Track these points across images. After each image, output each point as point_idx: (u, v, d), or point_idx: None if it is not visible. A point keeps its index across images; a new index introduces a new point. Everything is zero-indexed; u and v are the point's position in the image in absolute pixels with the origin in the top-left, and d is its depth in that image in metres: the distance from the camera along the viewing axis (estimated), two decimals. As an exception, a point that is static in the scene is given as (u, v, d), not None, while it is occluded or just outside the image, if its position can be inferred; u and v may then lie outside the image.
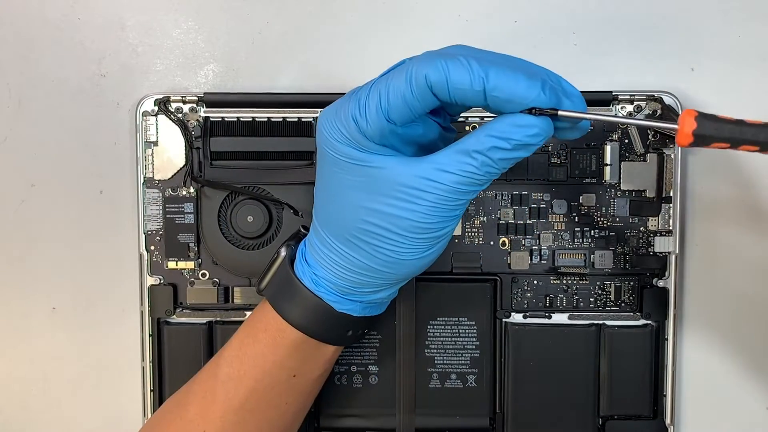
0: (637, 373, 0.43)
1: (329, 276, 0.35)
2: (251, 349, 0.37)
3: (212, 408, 0.37)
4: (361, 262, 0.34)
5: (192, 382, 0.39)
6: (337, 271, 0.35)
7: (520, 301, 0.44)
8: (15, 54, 0.44)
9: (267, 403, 0.38)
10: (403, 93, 0.31)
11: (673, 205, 0.43)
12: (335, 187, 0.34)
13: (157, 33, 0.44)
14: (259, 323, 0.37)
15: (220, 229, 0.43)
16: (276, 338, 0.37)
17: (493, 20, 0.44)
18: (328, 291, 0.36)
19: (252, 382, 0.37)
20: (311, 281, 0.36)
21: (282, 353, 0.37)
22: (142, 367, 0.44)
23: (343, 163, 0.33)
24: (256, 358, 0.37)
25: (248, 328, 0.38)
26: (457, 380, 0.43)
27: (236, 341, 0.38)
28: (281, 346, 0.37)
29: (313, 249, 0.36)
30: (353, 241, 0.34)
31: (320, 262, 0.36)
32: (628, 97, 0.42)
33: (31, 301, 0.45)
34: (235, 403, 0.37)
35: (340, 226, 0.34)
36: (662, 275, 0.43)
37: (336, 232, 0.34)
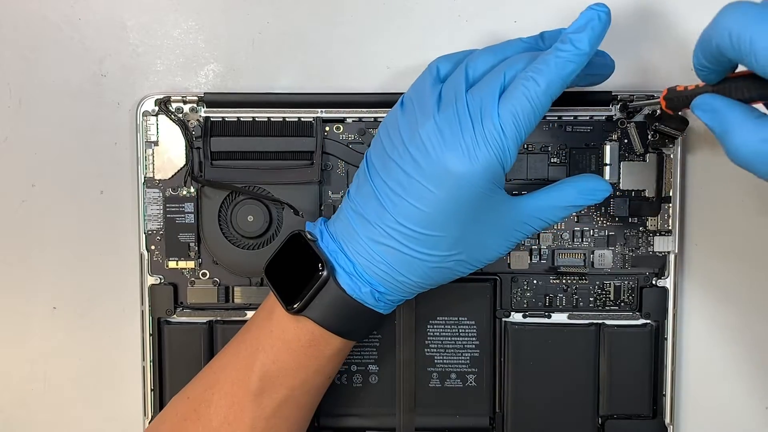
0: (637, 372, 0.43)
1: (394, 293, 0.36)
2: (288, 362, 0.37)
3: (241, 417, 0.37)
4: (438, 281, 0.37)
5: (212, 391, 0.38)
6: (408, 288, 0.36)
7: (519, 300, 0.44)
8: (15, 54, 0.44)
9: (300, 408, 0.38)
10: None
11: (673, 204, 0.43)
12: (462, 220, 0.34)
13: (157, 33, 0.44)
14: (293, 336, 0.37)
15: (220, 229, 0.43)
16: (319, 348, 0.37)
17: (493, 20, 0.44)
18: (386, 303, 0.37)
19: (287, 390, 0.37)
20: (374, 298, 0.36)
21: (323, 361, 0.37)
22: (142, 367, 0.44)
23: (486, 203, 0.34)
24: (296, 370, 0.37)
25: (277, 341, 0.37)
26: (456, 380, 0.43)
27: (266, 355, 0.37)
28: (323, 356, 0.37)
29: (384, 272, 0.36)
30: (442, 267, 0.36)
31: (387, 282, 0.36)
32: (628, 96, 0.42)
33: (32, 300, 0.45)
34: (268, 411, 0.37)
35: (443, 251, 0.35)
36: (662, 275, 0.43)
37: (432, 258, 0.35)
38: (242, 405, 0.37)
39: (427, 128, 0.34)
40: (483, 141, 0.33)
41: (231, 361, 0.38)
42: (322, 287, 0.36)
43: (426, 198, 0.34)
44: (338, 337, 0.37)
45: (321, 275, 0.36)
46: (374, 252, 0.35)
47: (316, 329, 0.37)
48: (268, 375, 0.37)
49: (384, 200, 0.35)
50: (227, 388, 0.37)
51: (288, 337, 0.37)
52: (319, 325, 0.36)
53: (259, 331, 0.38)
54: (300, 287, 0.36)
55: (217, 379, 0.38)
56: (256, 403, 0.37)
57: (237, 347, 0.38)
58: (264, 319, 0.38)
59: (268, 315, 0.38)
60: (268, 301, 0.39)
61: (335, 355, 0.38)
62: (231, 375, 0.38)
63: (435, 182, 0.34)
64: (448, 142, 0.33)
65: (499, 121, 0.33)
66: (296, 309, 0.36)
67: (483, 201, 0.34)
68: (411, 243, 0.35)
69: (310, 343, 0.37)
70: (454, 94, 0.35)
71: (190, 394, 0.39)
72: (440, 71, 0.37)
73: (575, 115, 0.43)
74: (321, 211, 0.43)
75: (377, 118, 0.43)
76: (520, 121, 0.33)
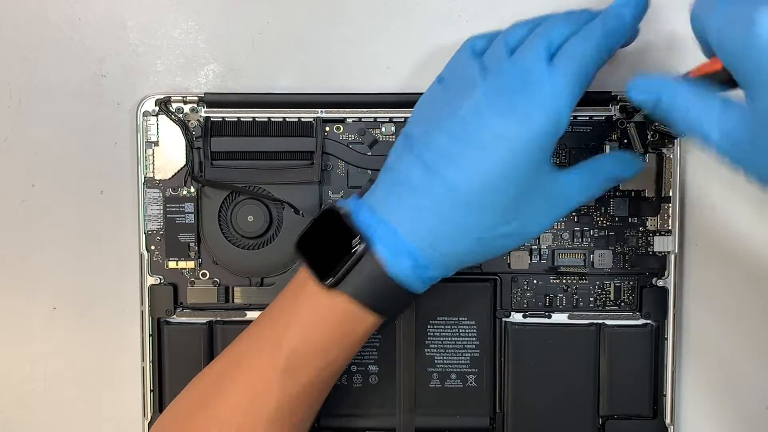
0: (637, 372, 0.43)
1: (434, 268, 0.35)
2: (317, 340, 0.36)
3: (266, 395, 0.36)
4: (482, 255, 0.36)
5: (238, 368, 0.37)
6: (448, 261, 0.35)
7: (519, 300, 0.44)
8: (15, 54, 0.44)
9: (323, 389, 0.38)
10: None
11: (673, 204, 0.43)
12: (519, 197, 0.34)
13: (157, 33, 0.44)
14: (326, 312, 0.36)
15: (220, 229, 0.43)
16: (350, 326, 0.36)
17: (493, 20, 0.44)
18: (422, 280, 0.36)
19: (315, 370, 0.36)
20: (413, 272, 0.35)
21: (351, 340, 0.36)
22: (142, 367, 0.44)
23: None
24: (325, 349, 0.36)
25: (308, 316, 0.36)
26: (457, 380, 0.43)
27: (296, 333, 0.36)
28: (352, 335, 0.36)
29: (425, 242, 0.35)
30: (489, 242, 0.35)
31: (427, 254, 0.35)
32: (628, 97, 0.42)
33: (32, 301, 0.45)
34: (294, 391, 0.36)
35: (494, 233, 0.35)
36: (662, 275, 0.43)
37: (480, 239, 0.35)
38: (269, 383, 0.36)
39: (476, 97, 0.34)
40: (538, 104, 0.32)
41: (257, 339, 0.37)
42: (359, 261, 0.35)
43: (478, 165, 0.33)
44: (371, 315, 0.36)
45: (358, 248, 0.35)
46: (420, 219, 0.34)
47: (350, 306, 0.35)
48: (297, 353, 0.36)
49: (432, 167, 0.34)
50: (254, 365, 0.37)
51: (320, 313, 0.36)
52: (354, 301, 0.35)
53: (287, 308, 0.37)
54: (334, 262, 0.35)
55: (242, 357, 0.37)
56: (283, 382, 0.36)
57: (263, 326, 0.38)
58: (293, 297, 0.37)
59: (298, 292, 0.37)
60: (297, 279, 0.37)
61: (364, 335, 0.37)
62: (257, 353, 0.37)
63: (488, 149, 0.33)
64: (500, 108, 0.33)
65: (553, 83, 0.32)
66: (331, 282, 0.35)
67: (533, 169, 0.33)
68: (459, 210, 0.34)
69: (342, 320, 0.36)
70: (498, 61, 0.34)
71: (214, 370, 0.38)
72: (476, 47, 0.37)
73: (575, 115, 0.43)
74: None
75: (377, 118, 0.43)
76: (574, 84, 0.33)
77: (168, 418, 0.39)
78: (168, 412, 0.39)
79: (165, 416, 0.39)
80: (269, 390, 0.36)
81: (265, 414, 0.36)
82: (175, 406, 0.39)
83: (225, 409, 0.36)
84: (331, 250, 0.36)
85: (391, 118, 0.43)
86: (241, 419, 0.36)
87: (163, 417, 0.39)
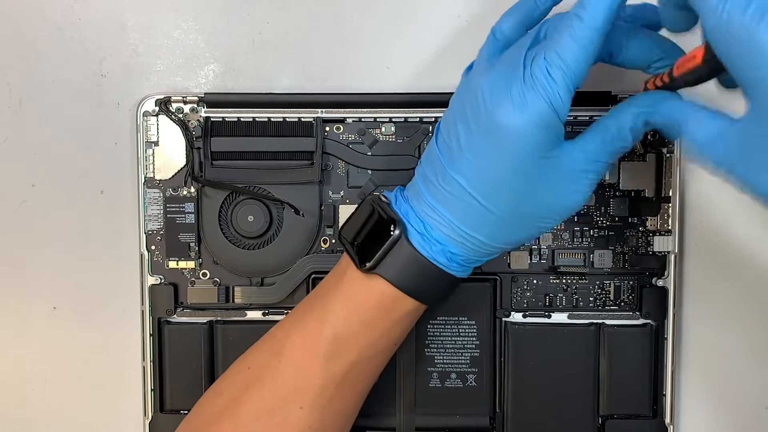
0: (637, 372, 0.43)
1: (466, 253, 0.36)
2: (357, 324, 0.37)
3: (310, 383, 0.37)
4: (515, 239, 0.36)
5: (278, 358, 0.38)
6: (479, 248, 0.35)
7: (519, 300, 0.44)
8: (15, 54, 0.44)
9: (366, 373, 0.38)
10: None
11: (672, 204, 0.43)
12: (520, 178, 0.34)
13: (157, 33, 0.44)
14: (365, 297, 0.37)
15: (220, 229, 0.43)
16: (389, 309, 0.37)
17: (493, 21, 0.44)
18: (459, 265, 0.36)
19: (356, 354, 0.37)
20: (447, 258, 0.36)
21: (392, 323, 0.37)
22: (142, 367, 0.44)
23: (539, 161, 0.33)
24: (365, 332, 0.37)
25: (348, 301, 0.37)
26: (457, 379, 0.44)
27: (336, 318, 0.37)
28: (392, 318, 0.37)
29: (451, 230, 0.35)
30: (521, 222, 0.35)
31: (456, 241, 0.35)
32: (628, 97, 0.42)
33: (32, 301, 0.45)
34: (338, 376, 0.37)
35: (514, 213, 0.35)
36: (661, 275, 0.43)
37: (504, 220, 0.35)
38: (311, 371, 0.37)
39: (482, 85, 0.34)
40: (531, 89, 0.32)
41: (297, 327, 0.38)
42: (394, 245, 0.36)
43: (482, 153, 0.33)
44: (409, 299, 0.36)
45: (393, 234, 0.36)
46: (438, 210, 0.35)
47: (387, 289, 0.36)
48: (339, 338, 0.36)
49: (443, 158, 0.35)
50: (295, 354, 0.37)
51: (359, 297, 0.37)
52: (391, 284, 0.36)
53: (327, 295, 0.38)
54: (372, 247, 0.36)
55: (282, 346, 0.38)
56: (325, 368, 0.37)
57: (303, 314, 0.38)
58: (334, 283, 0.38)
59: (339, 278, 0.38)
60: (339, 266, 0.38)
61: (404, 318, 0.37)
62: (298, 341, 0.37)
63: (491, 137, 0.33)
64: (497, 96, 0.33)
65: (545, 65, 0.32)
66: (369, 267, 0.36)
67: (542, 153, 0.33)
68: (469, 199, 0.34)
69: (381, 304, 0.36)
70: (504, 51, 0.35)
71: (251, 363, 0.38)
72: (498, 32, 0.36)
73: (575, 115, 0.43)
74: (321, 211, 0.43)
75: (377, 118, 0.43)
76: (568, 62, 0.32)
77: (202, 414, 0.39)
78: (200, 406, 0.39)
79: (197, 412, 0.39)
80: (312, 378, 0.37)
81: (307, 400, 0.37)
82: (210, 399, 0.39)
83: (276, 400, 0.37)
84: (371, 238, 0.37)
85: (391, 118, 0.43)
86: (291, 410, 0.37)
87: (194, 413, 0.39)
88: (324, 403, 0.37)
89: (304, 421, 0.37)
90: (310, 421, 0.37)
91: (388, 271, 0.36)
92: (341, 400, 0.38)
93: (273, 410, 0.37)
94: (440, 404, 0.43)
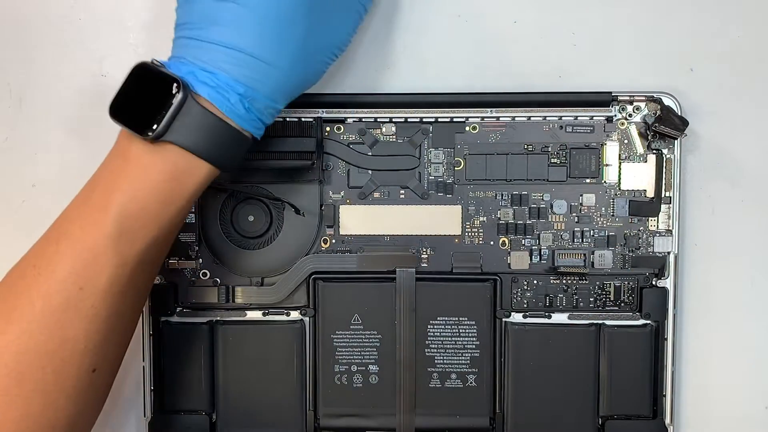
0: (637, 372, 0.43)
1: (261, 96, 0.34)
2: (149, 199, 0.34)
3: (95, 266, 0.34)
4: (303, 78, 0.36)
5: (56, 243, 0.34)
6: (272, 83, 0.34)
7: (519, 300, 0.44)
8: (16, 54, 0.44)
9: (159, 256, 0.37)
10: None
11: (673, 205, 0.43)
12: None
13: (157, 33, 0.44)
14: (155, 168, 0.34)
15: (221, 229, 0.43)
16: (183, 179, 0.34)
17: (493, 20, 0.44)
18: (255, 114, 0.35)
19: (149, 233, 0.35)
20: (243, 107, 0.34)
21: (185, 196, 0.35)
22: (142, 367, 0.44)
23: None
24: (158, 208, 0.34)
25: (136, 177, 0.34)
26: (457, 380, 0.43)
27: (123, 195, 0.34)
28: (186, 189, 0.35)
29: (240, 65, 0.34)
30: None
31: (251, 78, 0.34)
32: (628, 98, 0.42)
33: (32, 301, 0.45)
34: (131, 260, 0.34)
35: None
36: (662, 275, 0.43)
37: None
38: (96, 252, 0.34)
39: None
40: None
41: (78, 210, 0.35)
42: (182, 106, 0.33)
43: None
44: (204, 165, 0.34)
45: (177, 95, 0.33)
46: (229, 53, 0.33)
47: (180, 157, 0.34)
48: (128, 215, 0.34)
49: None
50: (76, 234, 0.34)
51: (149, 171, 0.34)
52: (185, 149, 0.34)
53: (111, 175, 0.35)
54: (155, 113, 0.33)
55: (63, 231, 0.35)
56: (115, 250, 0.34)
57: (84, 198, 0.35)
58: (116, 164, 0.35)
59: (121, 156, 0.35)
60: (116, 148, 0.35)
61: (197, 188, 0.35)
62: (78, 222, 0.34)
63: None
64: None
65: None
66: (156, 132, 0.33)
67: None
68: (260, 28, 0.33)
69: (173, 174, 0.34)
70: None
71: (29, 254, 0.36)
72: None
73: (575, 116, 0.43)
74: (321, 211, 0.43)
75: (377, 118, 0.43)
76: None
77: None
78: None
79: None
80: (100, 260, 0.34)
81: (99, 285, 0.34)
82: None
83: (51, 284, 0.34)
84: (149, 106, 0.33)
85: (391, 118, 0.43)
86: (71, 293, 0.34)
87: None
88: (118, 287, 0.34)
89: (92, 313, 0.34)
90: (98, 311, 0.34)
91: (179, 136, 0.33)
92: (138, 279, 0.35)
93: (57, 294, 0.34)
94: (440, 405, 0.43)
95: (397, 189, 0.43)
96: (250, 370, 0.43)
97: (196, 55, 0.34)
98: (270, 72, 0.34)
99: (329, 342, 0.43)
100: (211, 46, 0.34)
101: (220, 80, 0.34)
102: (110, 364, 0.38)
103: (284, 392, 0.43)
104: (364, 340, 0.43)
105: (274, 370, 0.43)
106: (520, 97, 0.43)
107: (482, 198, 0.43)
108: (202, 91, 0.34)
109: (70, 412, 0.35)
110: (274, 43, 0.34)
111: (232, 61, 0.34)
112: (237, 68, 0.34)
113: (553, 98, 0.42)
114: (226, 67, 0.34)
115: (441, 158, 0.43)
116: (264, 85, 0.34)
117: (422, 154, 0.43)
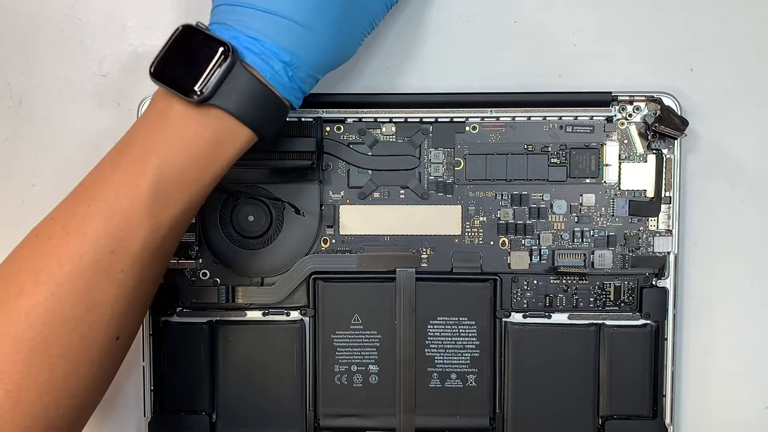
0: (637, 372, 0.43)
1: (305, 64, 0.34)
2: (187, 163, 0.33)
3: (129, 229, 0.33)
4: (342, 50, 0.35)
5: (86, 204, 0.33)
6: (318, 52, 0.34)
7: (519, 300, 0.44)
8: (16, 54, 0.44)
9: (187, 223, 0.36)
10: None
11: (673, 205, 0.43)
12: None
13: (157, 33, 0.44)
14: (196, 132, 0.33)
15: (221, 229, 0.43)
16: (223, 146, 0.34)
17: (493, 20, 0.44)
18: (298, 84, 0.34)
19: (186, 197, 0.34)
20: (287, 76, 0.34)
21: (223, 164, 0.34)
22: (142, 367, 0.44)
23: None
24: (196, 174, 0.34)
25: (177, 139, 0.33)
26: (457, 380, 0.43)
27: (160, 157, 0.33)
28: (225, 157, 0.34)
29: (284, 32, 0.33)
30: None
31: (297, 46, 0.33)
32: (628, 98, 0.42)
33: (32, 301, 0.45)
34: (165, 224, 0.34)
35: None
36: (662, 275, 0.43)
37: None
38: (130, 215, 0.33)
39: None
40: None
41: (112, 171, 0.34)
42: (230, 71, 0.33)
43: None
44: (246, 131, 0.34)
45: (228, 57, 0.33)
46: (273, 20, 0.33)
47: (223, 122, 0.33)
48: (165, 178, 0.33)
49: None
50: (109, 196, 0.33)
51: (189, 134, 0.33)
52: (229, 114, 0.33)
53: (148, 137, 0.34)
54: (201, 75, 0.33)
55: (93, 193, 0.33)
56: (150, 214, 0.33)
57: (116, 159, 0.34)
58: (154, 126, 0.34)
59: (160, 118, 0.34)
60: (155, 107, 0.34)
61: (235, 156, 0.35)
62: (112, 185, 0.33)
63: None
64: None
65: None
66: (204, 96, 0.33)
67: None
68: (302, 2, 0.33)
69: (214, 139, 0.33)
70: None
71: (55, 215, 0.34)
72: None
73: (575, 116, 0.43)
74: (321, 211, 0.43)
75: (377, 118, 0.43)
76: None
77: (14, 260, 0.34)
78: (11, 256, 0.35)
79: (8, 261, 0.35)
80: (134, 223, 0.33)
81: (131, 249, 0.33)
82: (7, 262, 0.35)
83: (82, 246, 0.33)
84: (193, 65, 0.33)
85: (391, 118, 0.43)
86: (102, 256, 0.33)
87: (7, 260, 0.35)
88: (150, 251, 0.34)
89: (121, 278, 0.33)
90: (127, 276, 0.33)
91: (225, 100, 0.33)
92: (169, 244, 0.34)
93: (86, 256, 0.33)
94: (440, 405, 0.43)
95: (397, 189, 0.43)
96: (250, 370, 0.43)
97: (240, 21, 0.34)
98: (312, 40, 0.34)
99: (329, 342, 0.43)
100: (254, 12, 0.33)
101: (264, 47, 0.33)
102: (130, 333, 0.37)
103: (284, 392, 0.43)
104: (364, 340, 0.43)
105: (274, 370, 0.43)
106: (520, 97, 0.43)
107: (482, 198, 0.43)
108: (247, 57, 0.33)
109: (90, 381, 0.34)
110: (315, 10, 0.34)
111: (276, 27, 0.33)
112: (280, 35, 0.33)
113: (553, 98, 0.42)
114: (270, 33, 0.33)
115: (441, 158, 0.43)
116: (306, 53, 0.34)
117: (422, 154, 0.43)
